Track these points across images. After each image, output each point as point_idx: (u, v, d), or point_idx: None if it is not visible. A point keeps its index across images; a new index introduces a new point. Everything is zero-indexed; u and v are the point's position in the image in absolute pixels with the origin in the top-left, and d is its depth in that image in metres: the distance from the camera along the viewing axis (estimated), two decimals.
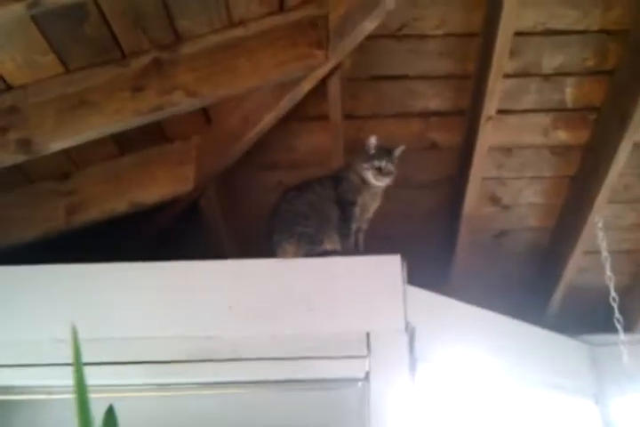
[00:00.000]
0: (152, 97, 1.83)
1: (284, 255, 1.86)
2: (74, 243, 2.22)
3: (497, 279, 2.71)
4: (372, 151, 1.94)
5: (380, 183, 1.94)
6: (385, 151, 1.95)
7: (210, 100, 1.90)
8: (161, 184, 2.28)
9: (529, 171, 2.47)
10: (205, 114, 2.24)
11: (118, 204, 2.26)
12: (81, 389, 1.22)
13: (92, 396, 1.33)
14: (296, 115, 2.25)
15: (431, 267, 2.48)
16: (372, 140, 1.94)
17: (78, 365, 1.23)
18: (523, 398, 2.26)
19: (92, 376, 1.53)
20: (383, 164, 1.92)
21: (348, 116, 2.28)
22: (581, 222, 2.44)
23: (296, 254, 1.84)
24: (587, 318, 2.50)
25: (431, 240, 2.64)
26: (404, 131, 2.34)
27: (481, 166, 2.34)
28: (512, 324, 2.21)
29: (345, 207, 1.91)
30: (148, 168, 2.29)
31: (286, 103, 2.03)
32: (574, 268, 2.57)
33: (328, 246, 1.88)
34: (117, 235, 2.36)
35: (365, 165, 1.92)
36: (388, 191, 2.03)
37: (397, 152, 1.98)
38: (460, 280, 2.64)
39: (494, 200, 2.56)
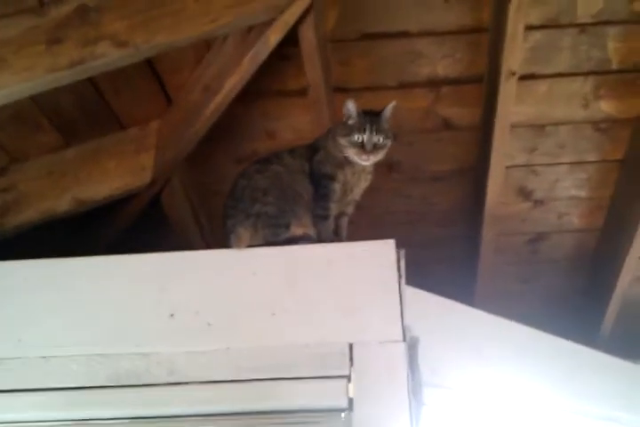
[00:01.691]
0: (71, 50, 1.49)
1: (238, 244, 1.41)
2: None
3: (531, 296, 2.32)
4: (352, 120, 1.48)
5: (364, 163, 1.47)
6: (370, 118, 1.48)
7: (146, 51, 1.52)
8: (113, 177, 1.95)
9: (567, 154, 2.02)
10: (165, 94, 1.91)
11: (60, 202, 1.91)
12: None
13: None
14: (274, 91, 1.90)
15: (447, 282, 2.04)
16: (350, 106, 1.48)
17: None
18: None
19: None
20: (366, 137, 1.45)
21: (338, 89, 1.88)
22: (637, 219, 1.97)
23: (253, 241, 1.40)
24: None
25: (448, 248, 2.22)
26: (408, 106, 1.93)
27: (504, 150, 1.91)
28: (554, 342, 1.74)
29: (320, 182, 1.46)
30: (98, 160, 1.96)
31: (250, 62, 1.65)
32: (629, 277, 2.11)
33: (297, 231, 1.42)
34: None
35: (342, 141, 1.47)
36: (392, 187, 1.61)
37: (387, 113, 1.50)
38: (484, 298, 2.21)
39: (524, 194, 2.12)
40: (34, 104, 1.77)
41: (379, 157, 1.48)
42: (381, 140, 1.47)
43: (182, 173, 1.98)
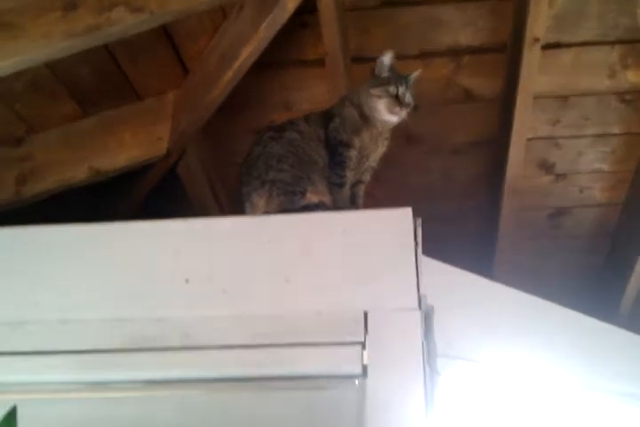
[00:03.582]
0: (87, 16, 1.48)
1: (253, 211, 1.40)
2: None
3: (552, 271, 2.29)
4: (386, 74, 1.48)
5: (394, 118, 1.46)
6: (400, 76, 1.48)
7: (161, 16, 1.49)
8: (129, 148, 1.96)
9: (591, 126, 1.98)
10: (182, 64, 1.90)
11: (77, 172, 1.93)
12: None
13: None
14: (291, 61, 1.89)
15: (466, 256, 2.01)
16: (387, 58, 1.47)
17: None
18: (586, 407, 1.74)
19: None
20: (402, 89, 1.45)
21: (356, 59, 1.85)
22: None
23: (269, 209, 1.39)
24: None
25: (467, 222, 2.20)
26: (429, 76, 1.88)
27: (526, 122, 1.88)
28: (572, 317, 1.71)
29: (336, 149, 1.44)
30: (114, 130, 1.97)
31: (267, 29, 1.63)
32: None
33: (313, 199, 1.41)
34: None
35: (376, 92, 1.45)
36: (411, 160, 1.59)
37: (413, 78, 1.51)
38: (503, 273, 2.19)
39: (546, 167, 2.08)
40: (51, 74, 1.77)
41: (404, 115, 1.47)
42: (411, 98, 1.48)
43: (198, 144, 1.98)
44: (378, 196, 1.88)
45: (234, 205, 2.08)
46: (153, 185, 2.01)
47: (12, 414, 1.00)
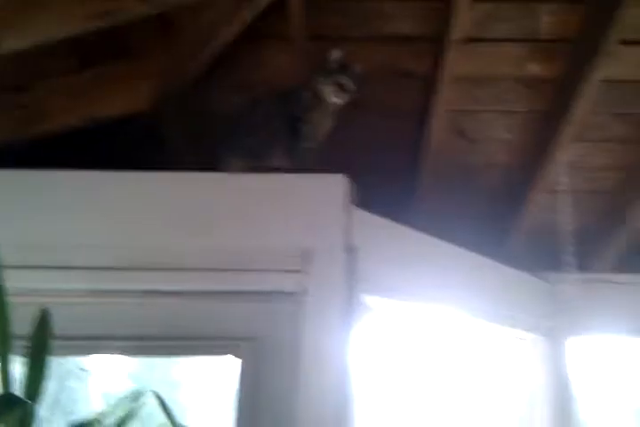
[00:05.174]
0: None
1: (228, 169, 1.83)
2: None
3: (459, 215, 2.68)
4: (335, 66, 1.89)
5: (338, 100, 1.90)
6: (346, 67, 1.90)
7: (159, 5, 1.82)
8: (117, 100, 2.23)
9: (500, 104, 2.40)
10: (168, 26, 2.16)
11: (73, 118, 2.22)
12: None
13: (26, 299, 1.40)
14: (259, 33, 2.19)
15: (391, 200, 2.42)
16: (336, 54, 1.89)
17: None
18: (474, 330, 2.26)
19: (30, 280, 1.62)
20: (344, 80, 1.88)
21: (314, 37, 2.20)
22: (547, 160, 2.41)
23: (238, 168, 1.82)
24: (546, 256, 2.47)
25: (393, 173, 2.59)
26: (374, 55, 2.26)
27: (448, 97, 2.29)
28: (468, 256, 2.17)
29: (294, 124, 1.87)
30: (107, 83, 2.24)
31: (247, 13, 1.96)
32: (537, 206, 2.56)
33: (276, 163, 1.85)
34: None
35: (326, 80, 1.88)
36: (348, 117, 1.99)
37: (357, 70, 1.92)
38: (421, 216, 2.58)
39: (461, 134, 2.50)
40: None
41: (347, 98, 1.90)
42: (352, 86, 1.90)
43: (182, 101, 2.27)
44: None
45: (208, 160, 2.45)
46: (137, 139, 2.29)
47: (44, 315, 1.34)
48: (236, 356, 1.66)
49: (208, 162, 1.93)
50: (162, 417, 1.53)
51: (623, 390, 2.73)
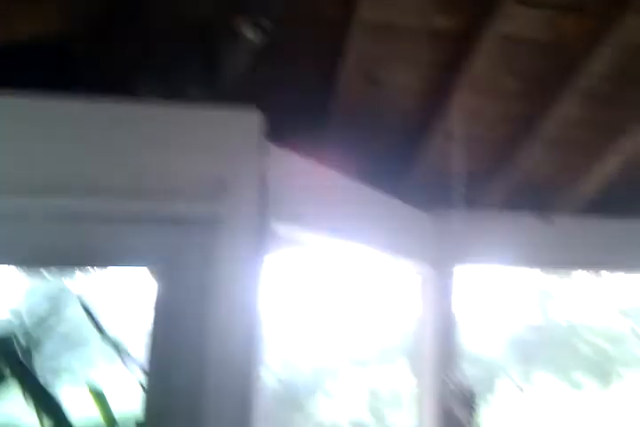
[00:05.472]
0: None
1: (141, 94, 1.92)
2: None
3: (365, 153, 2.75)
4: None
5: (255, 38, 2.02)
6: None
7: None
8: (18, 23, 2.17)
9: (406, 52, 2.54)
10: None
11: None
12: None
13: None
14: None
15: (303, 137, 2.53)
16: None
17: None
18: (368, 260, 2.48)
19: None
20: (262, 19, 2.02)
21: None
22: (445, 108, 2.62)
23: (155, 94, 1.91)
24: (440, 195, 2.69)
25: (305, 111, 2.67)
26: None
27: (359, 42, 2.42)
28: (367, 191, 2.40)
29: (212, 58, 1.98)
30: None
31: None
32: (434, 150, 2.79)
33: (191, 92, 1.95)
34: None
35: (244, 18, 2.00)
36: (265, 57, 2.07)
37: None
38: (331, 151, 2.63)
39: (368, 77, 2.62)
40: None
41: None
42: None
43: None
44: None
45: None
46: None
47: None
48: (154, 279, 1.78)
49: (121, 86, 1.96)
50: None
51: (503, 318, 3.10)
